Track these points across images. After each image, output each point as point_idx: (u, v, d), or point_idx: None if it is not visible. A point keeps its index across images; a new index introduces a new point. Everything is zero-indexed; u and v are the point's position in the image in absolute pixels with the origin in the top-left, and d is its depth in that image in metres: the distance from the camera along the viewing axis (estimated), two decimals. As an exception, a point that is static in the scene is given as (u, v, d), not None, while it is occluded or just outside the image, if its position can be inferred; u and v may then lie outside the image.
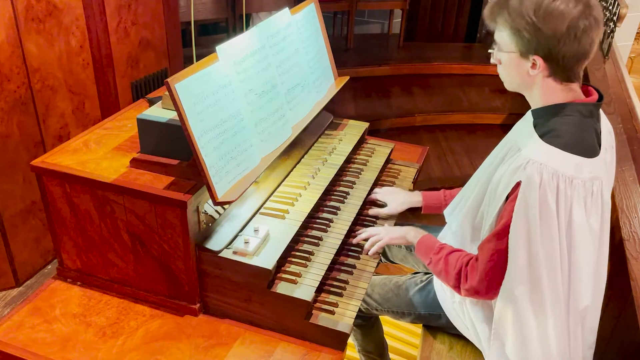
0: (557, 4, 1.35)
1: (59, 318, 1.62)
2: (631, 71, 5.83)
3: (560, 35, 1.35)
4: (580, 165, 1.40)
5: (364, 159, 2.21)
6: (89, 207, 1.62)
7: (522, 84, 1.49)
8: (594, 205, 1.44)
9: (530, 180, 1.38)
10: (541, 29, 1.36)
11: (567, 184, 1.38)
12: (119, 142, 1.75)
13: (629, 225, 1.88)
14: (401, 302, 1.85)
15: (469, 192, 1.66)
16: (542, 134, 1.43)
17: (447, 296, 1.74)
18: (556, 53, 1.38)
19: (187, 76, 1.45)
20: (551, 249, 1.41)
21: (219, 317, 1.64)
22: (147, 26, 3.06)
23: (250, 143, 1.66)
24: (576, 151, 1.40)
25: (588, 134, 1.45)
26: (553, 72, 1.42)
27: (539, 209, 1.38)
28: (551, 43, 1.37)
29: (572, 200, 1.40)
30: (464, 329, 1.73)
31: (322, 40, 2.21)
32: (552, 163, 1.37)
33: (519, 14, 1.38)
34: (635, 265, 1.74)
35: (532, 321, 1.47)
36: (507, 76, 1.52)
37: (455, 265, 1.58)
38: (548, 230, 1.40)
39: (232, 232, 1.61)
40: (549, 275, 1.43)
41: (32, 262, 2.79)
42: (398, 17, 5.14)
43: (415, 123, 4.21)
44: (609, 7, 3.17)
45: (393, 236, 1.81)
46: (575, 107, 1.43)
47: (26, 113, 2.53)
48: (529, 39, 1.39)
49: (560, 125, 1.42)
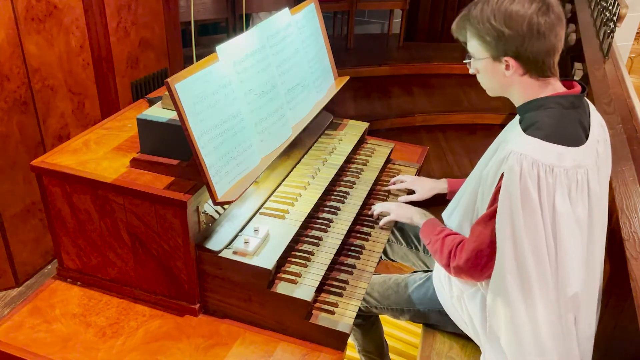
0: (513, 7, 1.43)
1: (59, 318, 1.62)
2: (631, 71, 5.82)
3: (523, 34, 1.43)
4: (562, 154, 1.43)
5: (364, 159, 2.21)
6: (89, 207, 1.62)
7: (501, 86, 1.55)
8: (579, 193, 1.47)
9: (512, 170, 1.42)
10: (504, 32, 1.44)
11: (548, 172, 1.41)
12: (119, 142, 1.75)
13: (629, 225, 1.87)
14: (400, 299, 1.86)
15: (466, 192, 1.68)
16: (525, 128, 1.48)
17: (445, 292, 1.75)
18: (524, 51, 1.45)
19: (187, 76, 1.45)
20: (536, 237, 1.44)
21: (219, 317, 1.64)
22: (147, 26, 3.06)
23: (250, 143, 1.66)
24: (556, 140, 1.44)
25: (570, 124, 1.49)
26: (527, 70, 1.48)
27: (521, 198, 1.42)
28: (517, 42, 1.44)
29: (554, 188, 1.43)
30: (462, 324, 1.74)
31: (322, 40, 2.21)
32: (531, 152, 1.42)
33: (480, 21, 1.47)
34: (635, 265, 1.73)
35: (522, 311, 1.49)
36: (486, 82, 1.59)
37: (449, 245, 1.64)
38: (532, 218, 1.43)
39: (232, 232, 1.61)
40: (536, 263, 1.46)
41: (32, 262, 2.79)
42: (398, 17, 5.14)
43: (415, 123, 4.21)
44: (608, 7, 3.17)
45: (400, 214, 1.90)
46: (555, 100, 1.49)
47: (26, 113, 2.53)
48: (495, 43, 1.47)
49: (541, 117, 1.47)
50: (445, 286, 1.75)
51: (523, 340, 1.51)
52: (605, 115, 2.47)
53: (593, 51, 3.16)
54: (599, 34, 3.35)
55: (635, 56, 5.95)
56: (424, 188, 2.07)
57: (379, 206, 1.96)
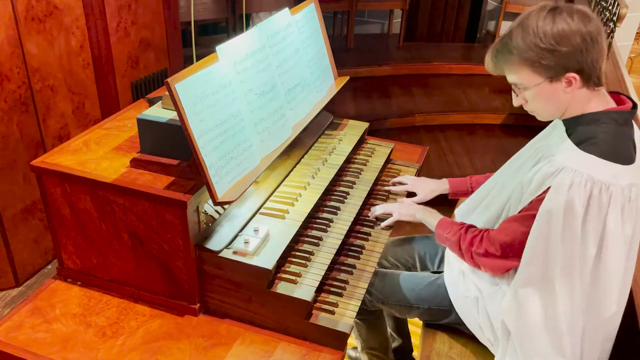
0: (558, 27, 1.39)
1: (59, 318, 1.62)
2: (631, 71, 5.82)
3: (580, 46, 1.39)
4: (617, 174, 1.40)
5: (364, 159, 2.21)
6: (89, 207, 1.62)
7: (558, 107, 1.50)
8: (630, 212, 1.44)
9: (560, 185, 1.39)
10: (560, 50, 1.40)
11: (603, 190, 1.39)
12: (119, 142, 1.75)
13: (629, 225, 1.87)
14: (410, 296, 1.84)
15: (494, 193, 1.67)
16: (578, 142, 1.43)
17: (460, 291, 1.73)
18: (585, 62, 1.41)
19: (187, 76, 1.45)
20: (571, 252, 1.42)
21: (219, 317, 1.64)
22: (147, 26, 3.06)
23: (250, 143, 1.66)
24: (613, 159, 1.41)
25: (624, 142, 1.46)
26: (585, 81, 1.44)
27: (564, 212, 1.39)
28: (577, 56, 1.40)
29: (608, 206, 1.40)
30: (474, 326, 1.72)
31: (322, 40, 2.21)
32: (587, 170, 1.39)
33: (527, 49, 1.42)
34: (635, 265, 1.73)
35: (539, 316, 1.48)
36: (541, 108, 1.52)
37: (471, 233, 1.65)
38: (570, 233, 1.41)
39: (232, 232, 1.61)
40: (563, 276, 1.44)
41: (32, 262, 2.79)
42: (398, 17, 5.14)
43: (415, 123, 4.21)
44: (608, 7, 3.17)
45: (402, 213, 1.90)
46: (610, 115, 1.45)
47: (26, 113, 2.54)
48: (554, 63, 1.41)
49: (597, 133, 1.43)
50: (460, 287, 1.73)
51: (536, 341, 1.50)
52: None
53: (593, 51, 3.16)
54: (599, 34, 3.33)
55: (635, 56, 5.94)
56: (425, 190, 2.06)
57: (380, 208, 1.95)
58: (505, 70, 1.51)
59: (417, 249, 2.05)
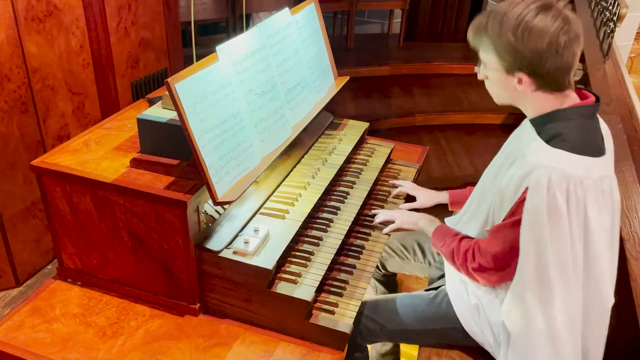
0: (535, 22, 1.38)
1: (59, 318, 1.62)
2: (631, 71, 5.82)
3: (542, 51, 1.39)
4: (590, 166, 1.41)
5: (364, 159, 2.21)
6: (89, 207, 1.62)
7: (511, 98, 1.53)
8: (605, 203, 1.45)
9: (538, 184, 1.39)
10: (522, 48, 1.40)
11: (578, 185, 1.39)
12: (119, 142, 1.75)
13: (629, 225, 1.88)
14: (413, 317, 1.76)
15: (477, 203, 1.66)
16: (548, 140, 1.44)
17: (461, 301, 1.69)
18: (540, 69, 1.41)
19: (187, 76, 1.45)
20: (561, 249, 1.42)
21: (219, 317, 1.64)
22: (147, 26, 3.06)
23: (250, 143, 1.66)
24: (583, 152, 1.41)
25: (593, 134, 1.46)
26: (540, 86, 1.45)
27: (547, 211, 1.39)
28: (534, 60, 1.41)
29: (585, 201, 1.40)
30: (479, 335, 1.68)
31: (322, 40, 2.21)
32: (560, 165, 1.38)
33: (499, 35, 1.43)
34: (635, 265, 1.74)
35: (539, 320, 1.47)
36: (495, 92, 1.57)
37: (465, 246, 1.62)
38: (558, 231, 1.40)
39: (232, 232, 1.61)
40: (559, 276, 1.43)
41: (32, 262, 2.79)
42: (398, 17, 5.14)
43: (415, 123, 4.20)
44: (608, 7, 3.17)
45: (405, 220, 1.87)
46: (576, 111, 1.45)
47: (26, 113, 2.53)
48: (512, 58, 1.43)
49: (565, 129, 1.43)
50: (462, 294, 1.70)
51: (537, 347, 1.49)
52: (605, 115, 2.47)
53: (593, 51, 3.17)
54: (599, 34, 3.35)
55: (635, 56, 5.94)
56: (425, 196, 2.05)
57: (381, 214, 1.92)
58: (478, 44, 1.52)
59: (420, 239, 2.03)
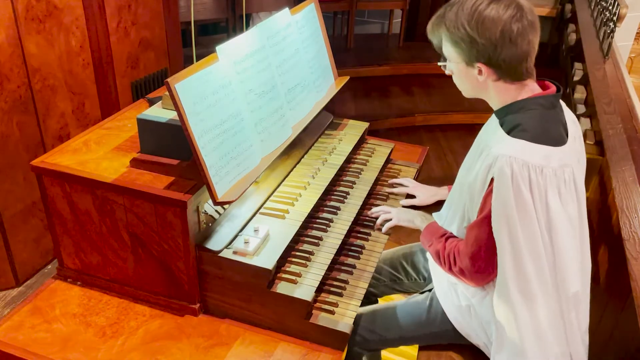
0: (488, 12, 1.41)
1: (59, 318, 1.62)
2: (631, 71, 5.82)
3: (495, 41, 1.42)
4: (549, 155, 1.43)
5: (364, 159, 2.21)
6: (89, 207, 1.62)
7: (475, 89, 1.56)
8: (569, 192, 1.47)
9: (502, 174, 1.41)
10: (476, 38, 1.43)
11: (538, 174, 1.42)
12: (119, 142, 1.75)
13: (629, 225, 1.87)
14: (413, 324, 1.76)
15: (455, 198, 1.69)
16: (509, 130, 1.48)
17: (452, 303, 1.70)
18: (496, 58, 1.44)
19: (187, 76, 1.45)
20: (533, 238, 1.44)
21: (219, 317, 1.64)
22: (147, 26, 3.06)
23: (250, 143, 1.66)
24: (543, 141, 1.44)
25: (553, 124, 1.49)
26: (500, 76, 1.48)
27: (514, 200, 1.41)
28: (489, 50, 1.43)
29: (545, 189, 1.43)
30: (473, 335, 1.69)
31: (322, 40, 2.21)
32: (520, 155, 1.41)
33: (455, 26, 1.46)
34: (635, 265, 1.73)
35: (524, 313, 1.49)
36: (461, 85, 1.60)
37: (449, 248, 1.63)
38: (527, 219, 1.43)
39: (232, 232, 1.61)
40: (534, 264, 1.46)
41: (32, 262, 2.79)
42: (398, 17, 5.14)
43: (415, 123, 4.21)
44: (608, 7, 3.17)
45: (402, 218, 1.88)
46: (536, 101, 1.49)
47: (26, 113, 2.53)
48: (468, 49, 1.46)
49: (524, 119, 1.47)
50: (452, 297, 1.70)
51: (526, 342, 1.50)
52: (605, 115, 2.47)
53: (593, 51, 3.16)
54: (599, 34, 3.34)
55: (635, 56, 5.94)
56: (425, 194, 2.06)
57: (378, 212, 1.93)
58: (437, 39, 1.55)
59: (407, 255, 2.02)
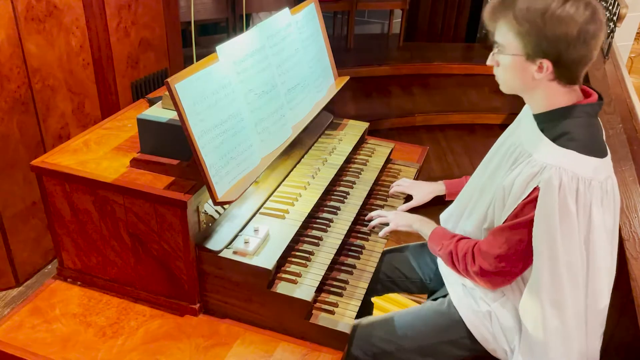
0: (566, 8, 1.33)
1: (59, 318, 1.62)
2: (631, 71, 5.82)
3: (571, 39, 1.34)
4: (598, 167, 1.40)
5: (364, 159, 2.21)
6: (89, 207, 1.62)
7: (523, 87, 1.47)
8: (608, 204, 1.44)
9: (550, 185, 1.37)
10: (550, 33, 1.34)
11: (586, 186, 1.38)
12: (119, 142, 1.75)
13: (629, 225, 1.88)
14: (428, 329, 1.68)
15: (474, 197, 1.64)
16: (554, 138, 1.42)
17: (468, 310, 1.65)
18: (566, 57, 1.36)
19: (187, 76, 1.45)
20: (571, 250, 1.40)
21: (219, 317, 1.64)
22: (147, 26, 3.06)
23: (250, 143, 1.66)
24: (592, 152, 1.40)
25: (598, 134, 1.45)
26: (558, 76, 1.40)
27: (559, 213, 1.37)
28: (562, 47, 1.35)
29: (590, 201, 1.39)
30: (490, 339, 1.63)
31: (322, 40, 2.21)
32: (571, 167, 1.37)
33: (526, 17, 1.36)
34: (635, 265, 1.74)
35: (555, 321, 1.45)
36: (507, 79, 1.48)
37: (463, 249, 1.59)
38: (568, 232, 1.39)
39: (232, 232, 1.61)
40: (569, 275, 1.42)
41: (32, 262, 2.79)
42: (398, 17, 5.14)
43: (415, 123, 4.21)
44: (609, 7, 3.18)
45: (399, 223, 1.84)
46: (583, 109, 1.43)
47: (26, 113, 2.53)
48: (536, 42, 1.36)
49: (572, 127, 1.41)
50: (470, 303, 1.65)
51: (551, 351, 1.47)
52: (605, 115, 2.48)
53: (593, 51, 3.16)
54: (599, 34, 3.34)
55: (635, 56, 5.95)
56: (421, 192, 2.02)
57: (376, 216, 1.90)
58: (498, 25, 1.44)
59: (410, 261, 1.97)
